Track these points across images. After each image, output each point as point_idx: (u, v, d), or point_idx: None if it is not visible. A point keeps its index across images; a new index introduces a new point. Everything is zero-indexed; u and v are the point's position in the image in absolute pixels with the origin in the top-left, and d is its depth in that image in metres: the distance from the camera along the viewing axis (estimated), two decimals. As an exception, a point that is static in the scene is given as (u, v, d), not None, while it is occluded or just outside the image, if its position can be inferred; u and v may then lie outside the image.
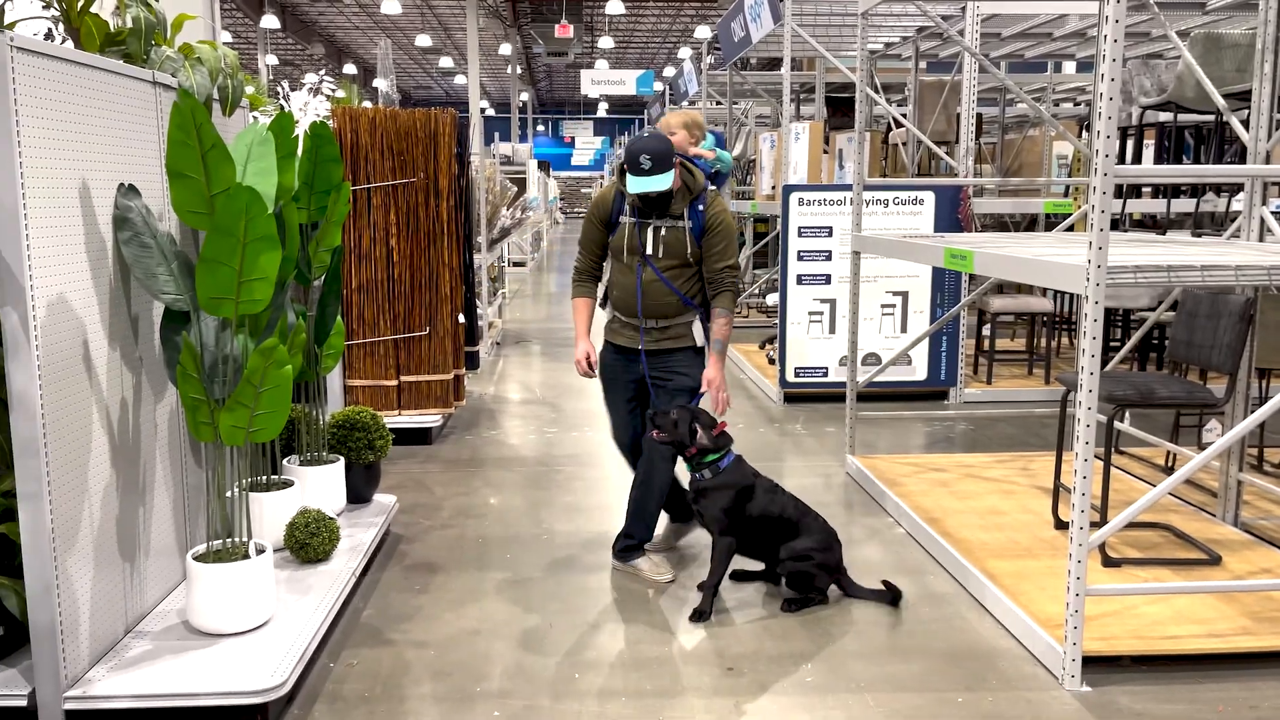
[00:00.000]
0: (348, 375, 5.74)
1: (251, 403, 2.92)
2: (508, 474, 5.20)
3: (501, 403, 6.94)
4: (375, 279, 5.70)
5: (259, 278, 2.85)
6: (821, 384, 6.85)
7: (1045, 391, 6.94)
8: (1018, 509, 4.32)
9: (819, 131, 7.02)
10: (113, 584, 2.88)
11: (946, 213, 6.71)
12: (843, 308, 6.78)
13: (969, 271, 3.60)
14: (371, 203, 5.66)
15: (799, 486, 4.96)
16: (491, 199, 9.38)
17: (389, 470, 5.24)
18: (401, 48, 38.14)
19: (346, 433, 4.13)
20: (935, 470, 4.93)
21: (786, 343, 6.81)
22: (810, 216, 6.71)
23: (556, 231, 34.41)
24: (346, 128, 5.59)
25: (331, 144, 3.82)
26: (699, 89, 10.98)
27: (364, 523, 4.00)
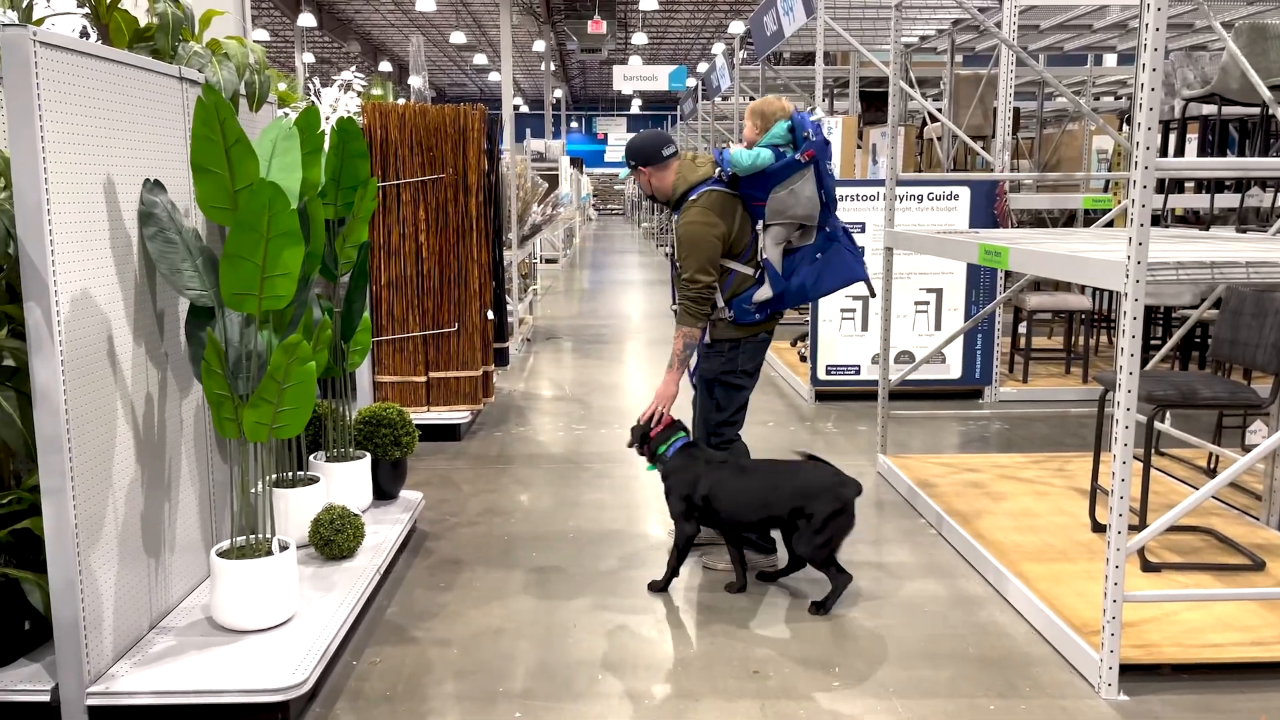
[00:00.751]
0: (377, 371, 5.74)
1: (275, 399, 2.91)
2: (535, 471, 5.18)
3: (531, 399, 6.92)
4: (404, 275, 5.69)
5: (282, 273, 2.84)
6: (853, 382, 6.77)
7: (1082, 391, 6.81)
8: (1053, 511, 4.23)
9: (852, 126, 6.91)
10: (137, 579, 2.88)
11: (982, 208, 6.60)
12: (875, 305, 6.69)
13: (1004, 268, 3.52)
14: (401, 199, 5.65)
15: (829, 486, 4.89)
16: (522, 195, 9.37)
17: (416, 466, 5.24)
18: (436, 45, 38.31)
19: (373, 429, 4.12)
20: (969, 471, 4.84)
21: (818, 340, 6.73)
22: (843, 212, 6.61)
23: (589, 228, 34.44)
24: (376, 124, 5.59)
25: (358, 139, 3.80)
26: (731, 84, 10.90)
27: (390, 519, 3.99)
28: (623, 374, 7.86)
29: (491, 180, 6.61)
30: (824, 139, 3.62)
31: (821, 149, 3.61)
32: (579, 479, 5.04)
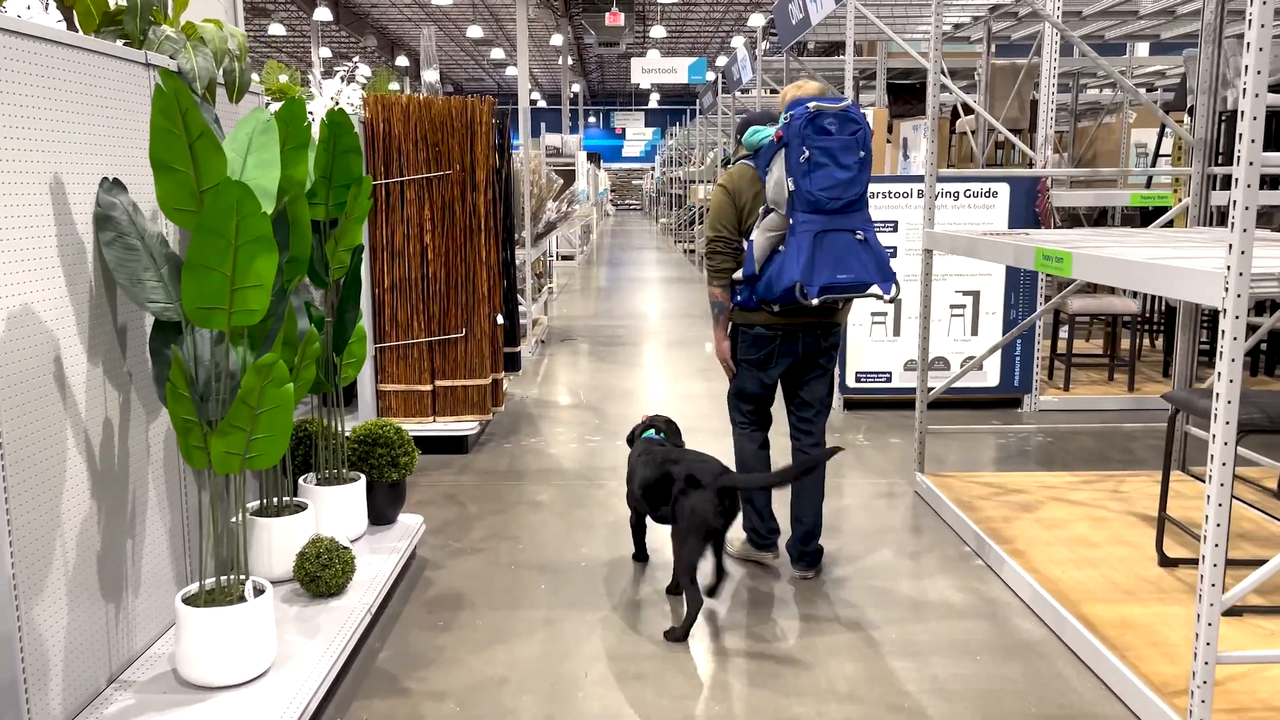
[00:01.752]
0: (380, 380, 5.42)
1: (248, 426, 2.58)
2: (546, 488, 4.84)
3: (543, 407, 6.58)
4: (409, 277, 5.36)
5: (254, 284, 2.50)
6: (885, 391, 6.39)
7: (1128, 400, 6.41)
8: (1112, 540, 3.85)
9: (882, 119, 6.53)
10: (92, 628, 2.56)
11: (1022, 206, 6.21)
12: (908, 308, 6.32)
13: (1066, 276, 3.15)
14: (405, 197, 5.32)
15: (860, 506, 4.52)
16: (537, 192, 9.03)
17: (419, 483, 4.91)
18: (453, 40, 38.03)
19: (368, 449, 3.79)
20: (1014, 491, 4.47)
21: (847, 345, 6.36)
22: (875, 210, 6.23)
23: (607, 224, 34.08)
24: (379, 117, 5.26)
25: (350, 134, 3.47)
26: (753, 76, 10.51)
27: (385, 548, 3.65)
28: (639, 379, 7.51)
29: (502, 176, 6.28)
30: (807, 125, 3.35)
31: (797, 133, 3.35)
32: (592, 498, 4.70)
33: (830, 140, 3.36)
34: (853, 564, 3.88)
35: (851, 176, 3.40)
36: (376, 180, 5.29)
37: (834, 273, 3.41)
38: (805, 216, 3.40)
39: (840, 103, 3.41)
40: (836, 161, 3.36)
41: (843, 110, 3.39)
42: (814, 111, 3.35)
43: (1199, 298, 2.43)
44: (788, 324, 3.61)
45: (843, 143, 3.38)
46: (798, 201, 3.40)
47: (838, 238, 3.42)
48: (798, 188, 3.38)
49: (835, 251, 3.41)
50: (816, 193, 3.36)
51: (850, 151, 3.39)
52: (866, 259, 3.46)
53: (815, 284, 3.39)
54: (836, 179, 3.37)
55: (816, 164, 3.35)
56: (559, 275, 15.54)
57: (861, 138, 3.42)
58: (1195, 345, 4.70)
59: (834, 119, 3.37)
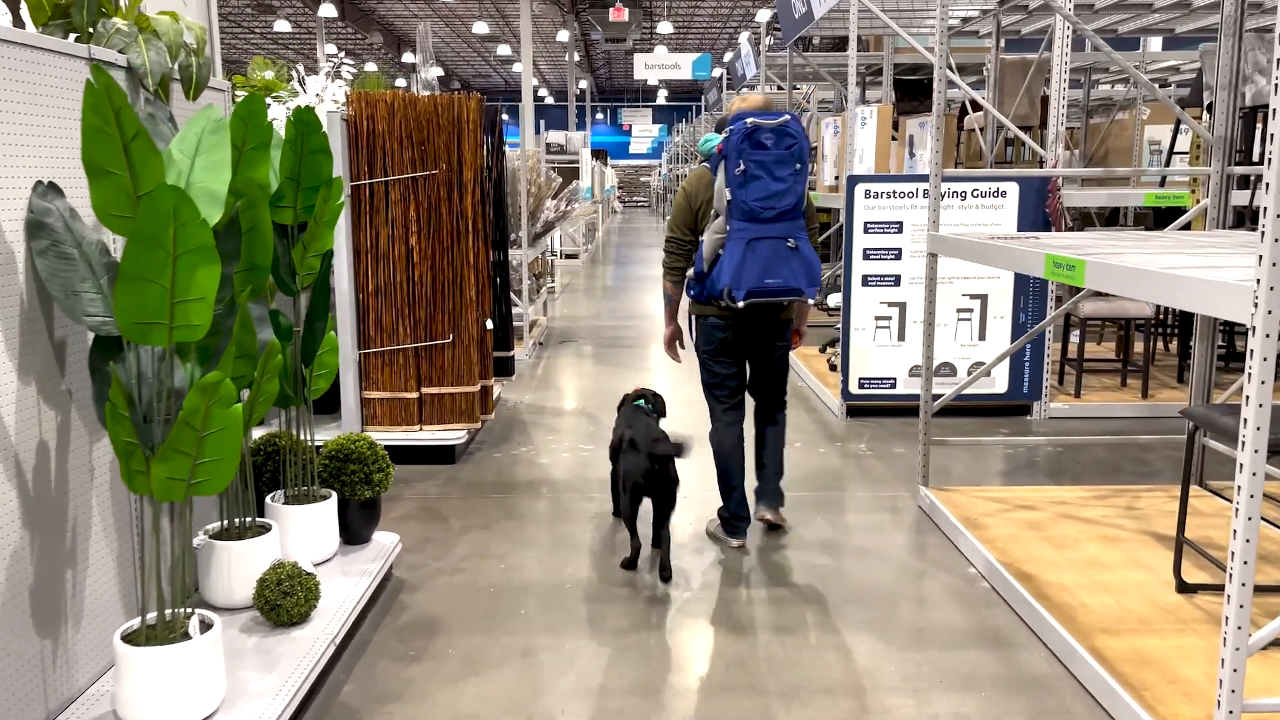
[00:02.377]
0: (364, 387, 5.23)
1: (192, 450, 2.39)
2: (534, 502, 4.64)
3: (537, 413, 6.39)
4: (393, 281, 5.18)
5: (196, 298, 2.31)
6: (889, 397, 6.18)
7: (1142, 408, 6.18)
8: (1127, 562, 3.64)
9: (888, 116, 6.32)
10: (25, 668, 2.38)
11: (1032, 206, 5.98)
12: (914, 312, 6.10)
13: (1078, 285, 2.94)
14: (390, 197, 5.13)
15: (861, 523, 4.32)
16: (535, 190, 8.84)
17: (403, 495, 4.72)
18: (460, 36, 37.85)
19: (340, 465, 3.60)
20: (1023, 508, 4.26)
21: (850, 351, 6.15)
22: (878, 210, 6.03)
23: (614, 221, 33.88)
24: (362, 114, 5.07)
25: (318, 133, 3.27)
26: (757, 72, 10.29)
27: (357, 570, 3.46)
28: (639, 383, 7.31)
29: (495, 175, 6.09)
30: (744, 140, 3.61)
31: (734, 146, 3.62)
32: (581, 513, 4.50)
33: (765, 154, 3.60)
34: (852, 587, 3.67)
35: (785, 188, 3.64)
36: (360, 180, 5.10)
37: (762, 278, 3.66)
38: (740, 224, 3.66)
39: (779, 118, 3.63)
40: (771, 174, 3.61)
41: (780, 125, 3.61)
42: (751, 127, 3.59)
43: (1225, 313, 2.22)
44: (737, 316, 3.90)
45: (777, 156, 3.61)
46: (734, 210, 3.66)
47: (770, 245, 3.66)
48: (734, 197, 3.65)
49: (766, 258, 3.66)
50: (751, 203, 3.63)
51: (785, 165, 3.62)
52: (796, 266, 3.70)
53: (742, 288, 3.66)
54: (770, 190, 3.62)
55: (752, 176, 3.61)
56: (562, 274, 15.36)
57: (797, 151, 3.65)
58: (1213, 353, 4.48)
59: (770, 134, 3.60)
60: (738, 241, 3.67)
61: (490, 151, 6.20)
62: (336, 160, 4.98)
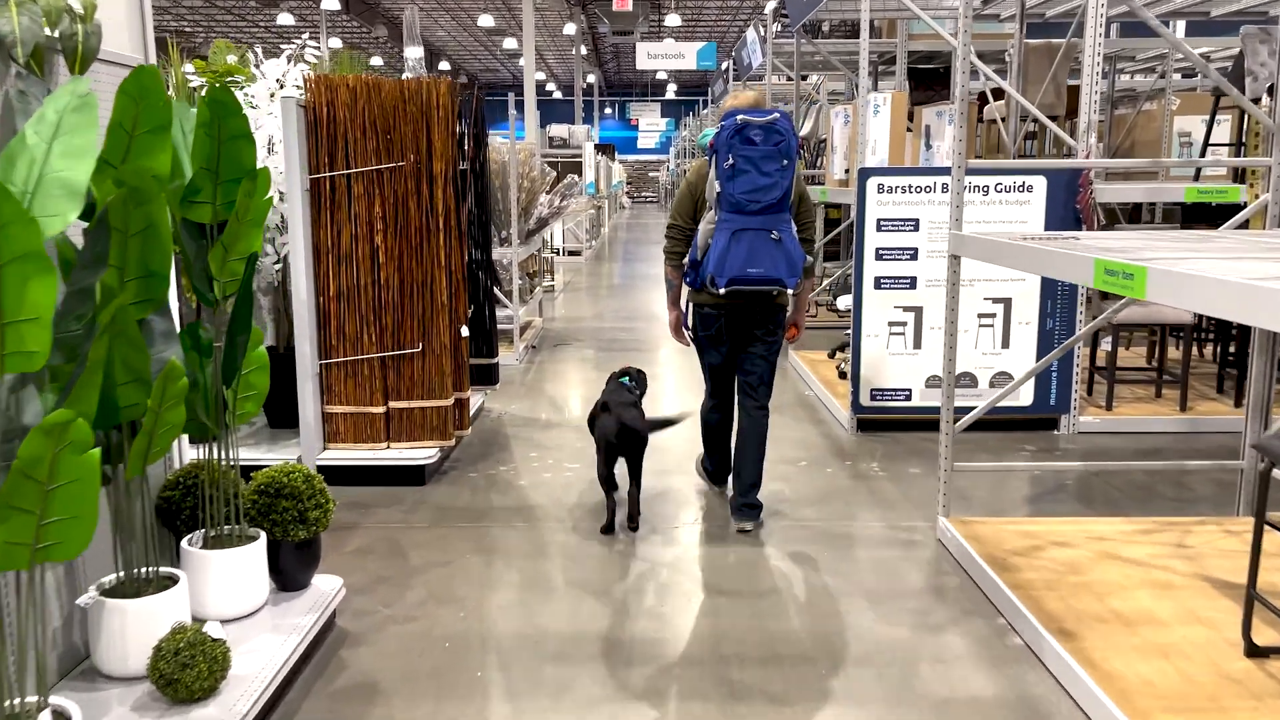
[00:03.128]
0: (326, 401, 4.76)
1: (36, 507, 1.91)
2: (507, 533, 4.16)
3: (522, 425, 5.90)
4: (357, 284, 4.69)
5: (29, 318, 1.83)
6: (903, 409, 5.68)
7: (1181, 422, 5.67)
8: (1184, 616, 3.14)
9: (903, 103, 5.81)
10: None
11: (1060, 202, 5.47)
12: (931, 318, 5.59)
13: (1136, 296, 2.43)
14: (352, 192, 4.65)
15: (871, 559, 3.82)
16: (528, 185, 8.35)
17: (362, 523, 4.24)
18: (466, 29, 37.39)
19: (270, 501, 3.11)
20: (1057, 544, 3.75)
21: (861, 359, 5.65)
22: (892, 206, 5.53)
23: (622, 216, 33.38)
24: (321, 100, 4.58)
25: (238, 116, 2.79)
26: (763, 60, 9.79)
27: (287, 625, 2.98)
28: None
29: (477, 168, 5.61)
30: (734, 135, 3.76)
31: (724, 142, 3.77)
32: (559, 548, 4.01)
33: (754, 150, 3.76)
34: (862, 641, 3.18)
35: (772, 182, 3.78)
36: (319, 173, 4.62)
37: (745, 267, 3.80)
38: (728, 215, 3.82)
39: (768, 115, 3.78)
40: (758, 169, 3.76)
41: (769, 123, 3.77)
42: (741, 124, 3.75)
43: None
44: (730, 304, 4.04)
45: (765, 152, 3.76)
46: (723, 202, 3.83)
47: (754, 236, 3.80)
48: (722, 190, 3.81)
49: (750, 248, 3.80)
50: (738, 195, 3.79)
51: (772, 160, 3.77)
52: (778, 257, 3.83)
53: (725, 276, 3.80)
54: (757, 184, 3.77)
55: (740, 170, 3.76)
56: (564, 271, 14.88)
57: (784, 148, 3.78)
58: (1272, 368, 3.97)
59: (760, 130, 3.75)
60: (724, 232, 3.83)
61: (471, 142, 5.72)
62: (292, 151, 4.50)
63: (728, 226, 3.81)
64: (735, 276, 3.79)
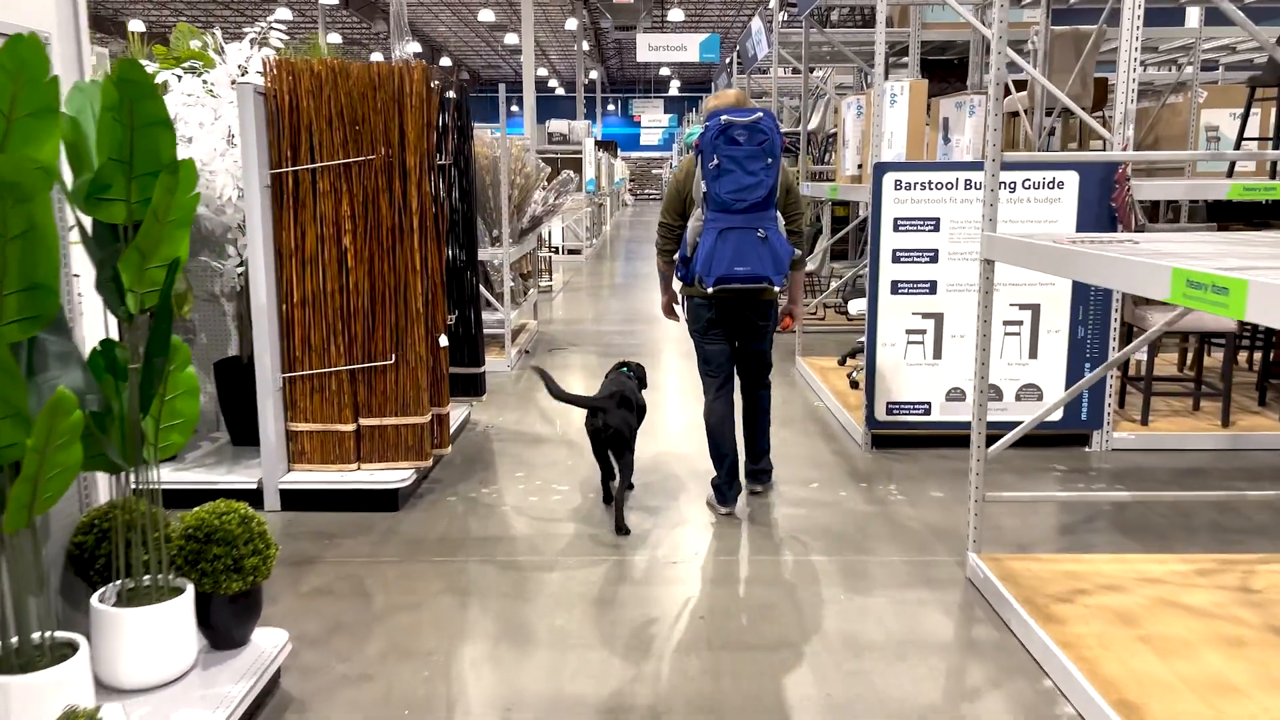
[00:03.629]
0: (290, 417, 4.33)
1: None
2: (484, 569, 3.72)
3: (510, 440, 5.47)
4: (323, 290, 4.26)
5: None
6: (922, 425, 5.24)
7: (1223, 439, 5.22)
8: (1262, 681, 2.70)
9: (922, 93, 5.37)
10: None
11: (1095, 200, 5.03)
12: (952, 325, 5.15)
13: (1235, 316, 1.99)
14: (318, 188, 4.22)
15: (891, 602, 3.38)
16: (520, 181, 7.91)
17: (323, 557, 3.81)
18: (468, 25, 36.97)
19: (200, 547, 2.68)
20: (1106, 587, 3.31)
21: (876, 370, 5.20)
22: (911, 205, 5.08)
23: (625, 214, 32.95)
24: (282, 87, 4.15)
25: (153, 99, 2.36)
26: (769, 51, 9.34)
27: (215, 695, 2.55)
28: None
29: (461, 163, 5.19)
30: (718, 135, 3.77)
31: (709, 142, 3.79)
32: (541, 587, 3.58)
33: (738, 149, 3.77)
34: (887, 708, 2.74)
35: (757, 181, 3.80)
36: (281, 168, 4.19)
37: (732, 265, 3.82)
38: (714, 214, 3.85)
39: (752, 115, 3.79)
40: (743, 168, 3.78)
41: (753, 122, 3.78)
42: (725, 124, 3.76)
43: None
44: (718, 298, 4.07)
45: (749, 151, 3.78)
46: (709, 201, 3.85)
47: (741, 235, 3.82)
48: (708, 189, 3.83)
49: (737, 247, 3.82)
50: (723, 195, 3.80)
51: (756, 159, 3.79)
52: (764, 255, 3.85)
53: (712, 275, 3.84)
54: (742, 184, 3.79)
55: (725, 170, 3.78)
56: (564, 271, 14.45)
57: (768, 147, 3.79)
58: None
59: (744, 129, 3.77)
60: (711, 231, 3.85)
61: (455, 135, 5.29)
62: (250, 143, 4.07)
63: (714, 225, 3.84)
64: (723, 275, 3.84)
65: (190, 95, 4.56)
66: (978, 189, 5.07)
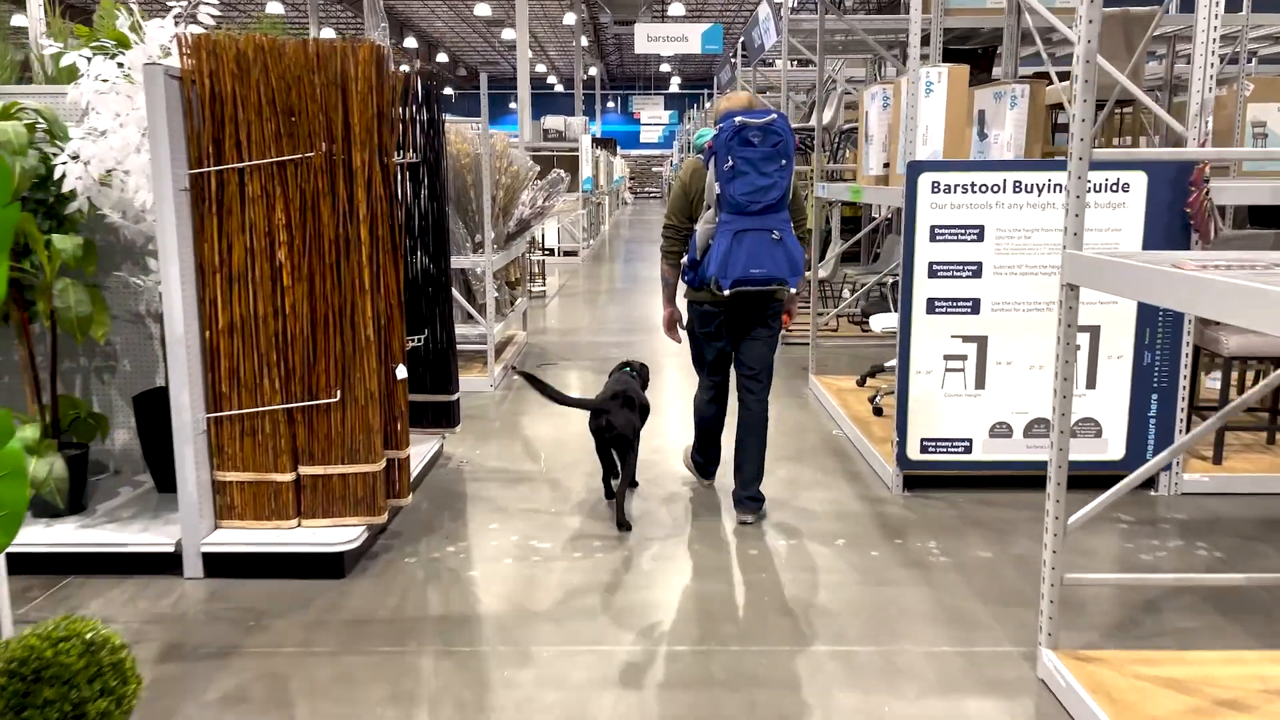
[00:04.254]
0: (216, 465, 3.62)
1: None
2: (440, 667, 3.01)
3: (486, 479, 4.76)
4: (254, 313, 3.55)
5: None
6: (963, 465, 4.53)
7: (1311, 480, 4.51)
8: None
9: (963, 81, 4.64)
10: None
11: (1166, 204, 4.32)
12: (998, 350, 4.44)
13: None
14: (247, 192, 3.50)
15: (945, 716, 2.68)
16: (506, 181, 7.20)
17: (241, 646, 3.09)
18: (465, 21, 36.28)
19: (25, 688, 1.96)
20: (1222, 702, 2.59)
21: (909, 401, 4.49)
22: (950, 210, 4.37)
23: (624, 213, 32.24)
24: (202, 69, 3.44)
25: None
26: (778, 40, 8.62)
27: None
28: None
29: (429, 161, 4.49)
30: (733, 137, 3.73)
31: (723, 144, 3.76)
32: (510, 690, 2.87)
33: (752, 151, 3.75)
34: None
35: (771, 183, 3.79)
36: (201, 167, 3.47)
37: (748, 267, 3.80)
38: (729, 216, 3.81)
39: (766, 116, 3.76)
40: (758, 170, 3.76)
41: (767, 124, 3.75)
42: (739, 125, 3.73)
43: None
44: (728, 303, 4.01)
45: (764, 153, 3.76)
46: (723, 203, 3.81)
47: (756, 236, 3.80)
48: (722, 191, 3.79)
49: (752, 249, 3.80)
50: (738, 197, 3.78)
51: (771, 161, 3.78)
52: (779, 256, 3.84)
53: (729, 277, 3.80)
54: (757, 185, 3.77)
55: (739, 172, 3.75)
56: (559, 274, 13.75)
57: (782, 148, 3.78)
58: None
59: (758, 131, 3.75)
60: (725, 233, 3.82)
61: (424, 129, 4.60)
62: (161, 137, 3.36)
63: (729, 228, 3.82)
64: (740, 277, 3.82)
65: (104, 81, 3.84)
66: (1028, 192, 4.36)
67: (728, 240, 3.79)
